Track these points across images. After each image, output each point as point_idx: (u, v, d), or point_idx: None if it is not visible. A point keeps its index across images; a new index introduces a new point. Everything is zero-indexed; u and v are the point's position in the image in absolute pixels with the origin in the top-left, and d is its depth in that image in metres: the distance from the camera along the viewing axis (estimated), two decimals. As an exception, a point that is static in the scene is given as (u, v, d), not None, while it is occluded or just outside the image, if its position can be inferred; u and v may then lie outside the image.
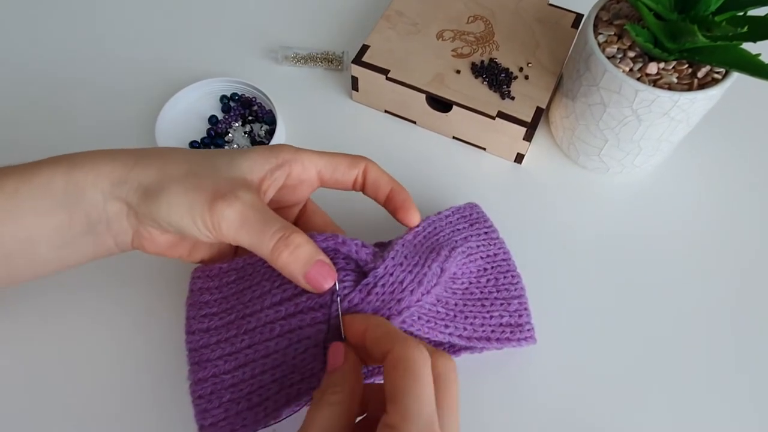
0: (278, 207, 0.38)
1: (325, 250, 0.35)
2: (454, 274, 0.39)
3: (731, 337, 0.43)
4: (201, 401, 0.34)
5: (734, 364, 0.42)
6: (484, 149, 0.52)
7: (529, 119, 0.48)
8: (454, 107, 0.49)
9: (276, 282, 0.35)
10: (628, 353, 0.42)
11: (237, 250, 0.40)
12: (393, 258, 0.35)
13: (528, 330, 0.39)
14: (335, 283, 0.34)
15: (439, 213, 0.42)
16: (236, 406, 0.33)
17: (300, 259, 0.32)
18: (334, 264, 0.35)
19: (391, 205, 0.38)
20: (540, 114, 0.48)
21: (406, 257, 0.36)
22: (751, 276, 0.46)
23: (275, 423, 0.33)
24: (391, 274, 0.35)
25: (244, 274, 0.37)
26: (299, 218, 0.40)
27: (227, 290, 0.37)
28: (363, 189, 0.38)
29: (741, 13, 0.41)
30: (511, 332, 0.39)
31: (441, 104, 0.50)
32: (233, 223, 0.32)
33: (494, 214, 0.45)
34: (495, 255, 0.42)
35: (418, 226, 0.39)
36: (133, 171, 0.33)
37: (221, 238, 0.32)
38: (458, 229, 0.42)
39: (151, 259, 0.41)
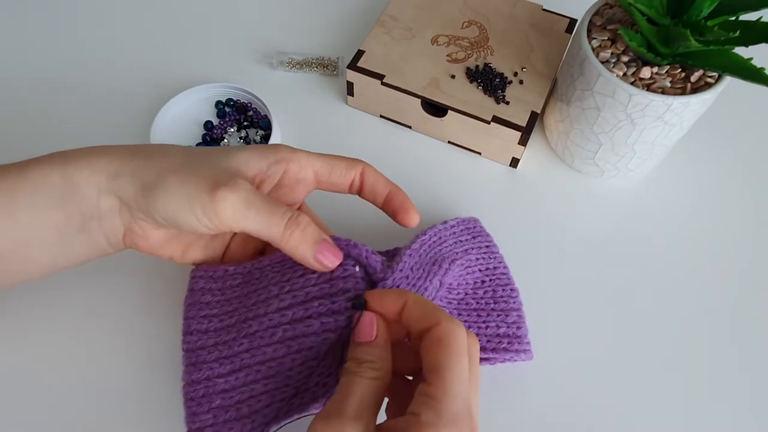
0: None
1: None
2: (450, 284, 0.39)
3: (730, 340, 0.43)
4: (192, 404, 0.33)
5: (733, 367, 0.42)
6: (480, 154, 0.52)
7: (524, 123, 0.48)
8: (450, 112, 0.49)
9: (285, 287, 0.35)
10: (625, 355, 0.42)
11: (226, 252, 0.39)
12: (401, 270, 0.35)
13: (526, 343, 0.39)
14: (357, 269, 0.34)
15: (445, 222, 0.42)
16: (224, 413, 0.33)
17: (310, 239, 0.32)
18: (343, 266, 0.34)
19: (389, 207, 0.37)
20: (535, 118, 0.48)
21: (411, 269, 0.36)
22: (747, 277, 0.46)
23: None
24: (398, 287, 0.35)
25: (251, 278, 0.37)
26: None
27: (230, 293, 0.36)
28: (360, 192, 0.38)
29: (733, 18, 0.41)
30: (509, 343, 0.38)
31: (436, 109, 0.50)
32: (239, 207, 0.31)
33: (490, 219, 0.45)
34: (494, 268, 0.42)
35: (424, 234, 0.39)
36: (128, 164, 0.33)
37: (221, 227, 0.32)
38: (461, 241, 0.42)
39: (148, 259, 0.41)
